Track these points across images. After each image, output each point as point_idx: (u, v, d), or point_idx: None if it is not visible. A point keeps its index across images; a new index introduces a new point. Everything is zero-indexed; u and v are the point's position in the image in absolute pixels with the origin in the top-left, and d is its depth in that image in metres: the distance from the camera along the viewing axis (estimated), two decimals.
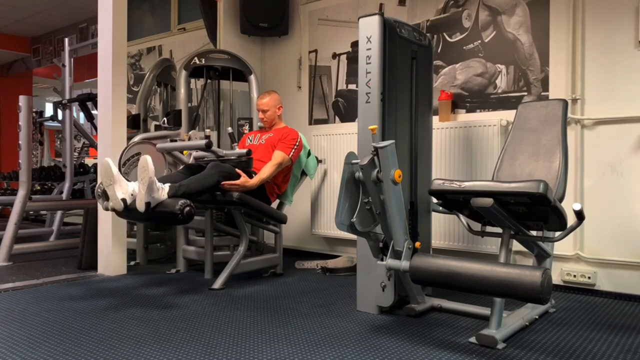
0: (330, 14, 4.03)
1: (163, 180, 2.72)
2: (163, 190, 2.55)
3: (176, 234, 3.62)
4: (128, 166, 3.19)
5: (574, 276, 2.91)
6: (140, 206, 2.47)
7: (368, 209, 2.35)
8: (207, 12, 4.31)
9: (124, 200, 2.51)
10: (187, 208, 2.49)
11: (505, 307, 2.21)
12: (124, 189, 2.53)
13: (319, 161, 3.84)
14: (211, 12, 4.29)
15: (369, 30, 2.44)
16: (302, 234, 4.16)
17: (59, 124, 5.52)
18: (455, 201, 2.27)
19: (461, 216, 2.48)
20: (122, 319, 2.38)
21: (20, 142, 3.99)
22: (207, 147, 2.93)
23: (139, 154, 3.15)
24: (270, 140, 3.32)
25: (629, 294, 2.77)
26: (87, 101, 4.78)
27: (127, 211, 2.56)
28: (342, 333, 2.18)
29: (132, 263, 3.73)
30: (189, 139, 3.31)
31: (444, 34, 3.42)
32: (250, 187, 3.02)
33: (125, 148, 3.19)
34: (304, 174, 3.59)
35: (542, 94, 3.03)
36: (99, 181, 2.91)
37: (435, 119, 3.08)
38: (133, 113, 4.50)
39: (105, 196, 2.61)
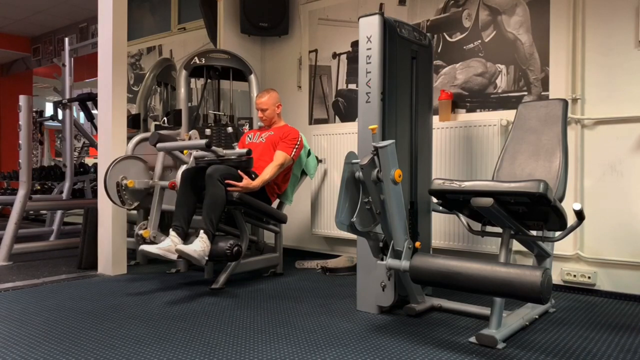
0: (330, 13, 4.03)
1: (180, 218, 2.93)
2: (204, 242, 2.77)
3: None
4: (125, 197, 3.23)
5: (574, 276, 2.91)
6: (204, 264, 2.84)
7: (368, 209, 2.35)
8: (207, 11, 4.31)
9: (180, 257, 2.77)
10: (236, 248, 2.82)
11: (505, 307, 2.21)
12: (172, 252, 2.77)
13: (319, 161, 3.83)
14: (211, 11, 4.29)
15: (369, 30, 2.44)
16: (302, 233, 4.16)
17: (59, 124, 5.52)
18: (455, 201, 2.27)
19: (461, 216, 2.48)
20: (122, 318, 2.38)
21: (20, 141, 3.99)
22: (207, 147, 2.94)
23: (124, 178, 3.26)
24: (271, 138, 3.32)
25: (629, 294, 2.77)
26: (87, 101, 4.78)
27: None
28: (342, 333, 2.18)
29: (132, 263, 3.73)
30: (189, 138, 3.32)
31: (444, 33, 3.42)
32: (253, 188, 3.02)
33: (109, 167, 3.21)
34: (304, 173, 3.59)
35: (542, 93, 3.03)
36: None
37: (435, 119, 3.08)
38: (133, 113, 4.51)
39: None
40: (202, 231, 2.80)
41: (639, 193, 2.74)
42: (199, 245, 2.74)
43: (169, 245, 2.79)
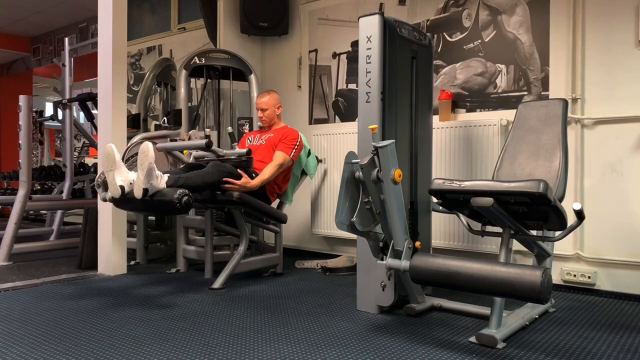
0: (330, 13, 4.03)
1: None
2: (162, 179, 2.53)
3: (176, 234, 3.62)
4: (130, 164, 3.19)
5: (574, 276, 2.91)
6: (138, 193, 2.42)
7: (368, 209, 2.35)
8: (207, 11, 4.30)
9: (122, 187, 2.47)
10: (186, 197, 2.45)
11: (505, 307, 2.21)
12: (123, 176, 2.51)
13: (319, 161, 3.83)
14: (211, 11, 4.28)
15: (369, 29, 2.44)
16: (302, 233, 4.16)
17: (59, 124, 5.51)
18: (455, 201, 2.27)
19: (461, 216, 2.48)
20: (122, 318, 2.38)
21: (20, 141, 3.99)
22: (207, 147, 2.93)
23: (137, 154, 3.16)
24: (271, 140, 3.32)
25: (629, 294, 2.77)
26: (87, 101, 4.77)
27: (125, 200, 2.52)
28: (342, 333, 2.18)
29: (132, 263, 3.73)
30: (189, 138, 3.31)
31: (444, 33, 3.42)
32: (252, 188, 3.02)
33: (127, 148, 3.19)
34: (304, 173, 3.59)
35: (542, 93, 3.03)
36: (99, 170, 2.89)
37: (435, 119, 3.07)
38: (133, 113, 4.50)
39: (104, 186, 2.60)
40: (168, 174, 2.60)
41: (639, 193, 2.74)
42: (158, 174, 2.50)
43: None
